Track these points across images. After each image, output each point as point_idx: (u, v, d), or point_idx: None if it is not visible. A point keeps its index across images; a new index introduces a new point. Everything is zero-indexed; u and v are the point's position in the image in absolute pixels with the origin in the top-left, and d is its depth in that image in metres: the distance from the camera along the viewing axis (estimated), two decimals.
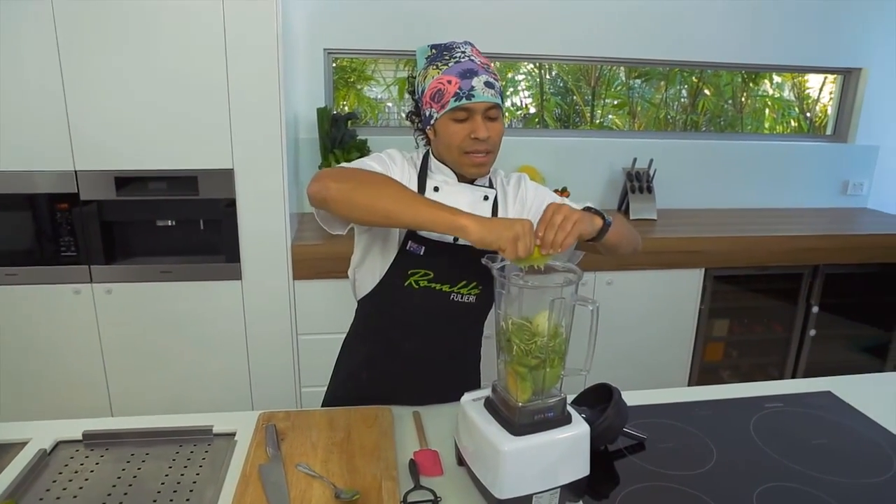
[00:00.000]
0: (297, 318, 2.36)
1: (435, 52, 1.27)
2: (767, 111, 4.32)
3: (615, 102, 4.28)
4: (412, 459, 1.14)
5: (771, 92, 4.28)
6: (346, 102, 3.51)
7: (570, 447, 1.01)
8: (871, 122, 3.23)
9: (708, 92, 4.21)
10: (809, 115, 4.11)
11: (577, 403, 1.23)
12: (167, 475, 1.11)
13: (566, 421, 1.03)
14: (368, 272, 1.35)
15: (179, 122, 2.12)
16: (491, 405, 1.06)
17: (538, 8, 2.78)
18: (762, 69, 3.53)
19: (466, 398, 1.10)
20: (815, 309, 2.77)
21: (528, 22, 2.80)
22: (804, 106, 4.16)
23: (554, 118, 4.38)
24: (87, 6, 1.98)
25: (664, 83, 4.11)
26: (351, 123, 2.67)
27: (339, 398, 1.44)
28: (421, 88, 1.27)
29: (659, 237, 2.62)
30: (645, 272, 2.58)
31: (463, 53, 1.25)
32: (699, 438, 1.26)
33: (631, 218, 2.88)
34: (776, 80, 4.10)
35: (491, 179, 1.37)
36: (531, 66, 4.10)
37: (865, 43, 3.10)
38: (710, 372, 2.86)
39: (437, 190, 1.31)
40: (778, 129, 4.33)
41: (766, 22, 2.97)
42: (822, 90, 3.93)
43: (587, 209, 1.20)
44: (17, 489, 1.05)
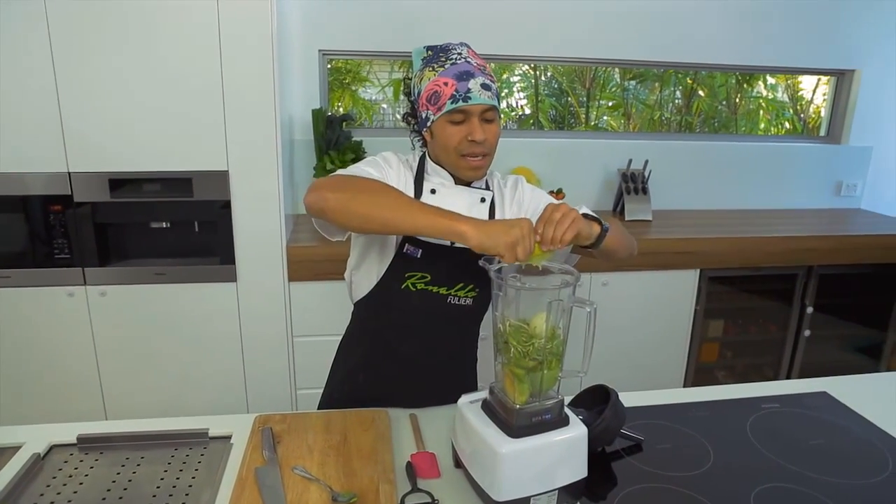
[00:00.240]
0: (292, 319, 2.35)
1: (431, 53, 1.27)
2: (762, 112, 4.33)
3: (610, 104, 4.29)
4: (409, 462, 1.13)
5: (765, 93, 4.29)
6: (341, 104, 3.51)
7: (567, 449, 1.00)
8: (864, 123, 3.24)
9: (702, 93, 4.22)
10: (803, 116, 4.12)
11: (574, 405, 1.23)
12: (162, 479, 1.10)
13: (564, 423, 1.02)
14: (365, 275, 1.34)
15: (174, 123, 2.12)
16: (488, 407, 1.06)
17: (533, 9, 2.79)
18: (756, 71, 3.54)
19: (464, 400, 1.10)
20: (809, 309, 2.79)
21: (522, 23, 2.80)
22: (798, 107, 4.17)
23: (549, 120, 4.38)
24: (80, 7, 1.97)
25: (659, 85, 4.12)
26: (346, 125, 2.67)
27: (335, 401, 1.43)
28: (417, 90, 1.27)
29: (654, 238, 2.63)
30: (640, 273, 2.58)
31: (459, 55, 1.24)
32: (696, 440, 1.26)
33: (626, 219, 2.89)
34: (770, 81, 4.11)
35: (487, 182, 1.37)
36: (526, 67, 4.10)
37: (859, 45, 3.11)
38: (705, 372, 2.86)
39: (433, 192, 1.30)
40: (772, 130, 4.34)
41: (760, 24, 2.99)
42: (815, 91, 3.95)
43: (584, 216, 1.19)
44: (10, 494, 1.04)
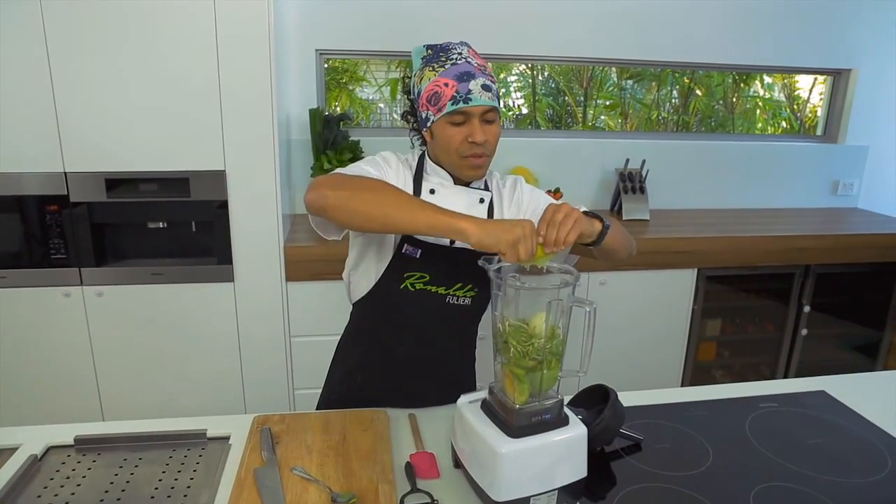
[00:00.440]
0: (289, 319, 2.35)
1: (431, 52, 1.26)
2: (758, 112, 4.34)
3: (607, 103, 4.29)
4: (408, 462, 1.13)
5: (762, 93, 4.30)
6: (338, 103, 3.50)
7: (567, 449, 1.00)
8: (860, 122, 3.25)
9: (699, 93, 4.22)
10: (800, 115, 4.13)
11: (573, 405, 1.22)
12: (161, 480, 1.10)
13: (563, 423, 1.02)
14: (364, 275, 1.34)
15: (171, 123, 2.11)
16: (488, 407, 1.05)
17: (530, 9, 2.78)
18: (753, 70, 3.55)
19: (463, 400, 1.10)
20: (806, 308, 2.79)
21: (520, 23, 2.80)
22: (794, 107, 4.18)
23: (546, 119, 4.38)
24: (76, 6, 1.96)
25: (656, 84, 4.13)
26: (343, 124, 2.66)
27: (334, 401, 1.43)
28: (417, 90, 1.26)
29: (652, 237, 2.63)
30: (638, 272, 2.58)
31: (460, 55, 1.23)
32: (695, 439, 1.26)
33: (624, 219, 2.89)
34: (767, 80, 4.12)
35: (487, 182, 1.36)
36: (523, 66, 4.10)
37: (855, 44, 3.12)
38: (702, 372, 2.87)
39: (432, 192, 1.30)
40: (769, 129, 4.35)
41: (756, 23, 2.99)
42: (811, 91, 3.96)
43: (585, 213, 1.19)
44: (7, 495, 1.03)
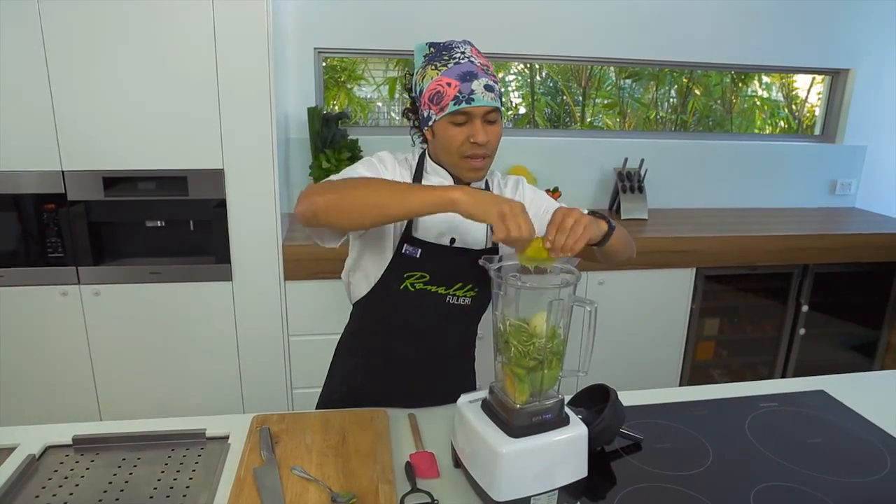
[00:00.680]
0: (288, 319, 2.34)
1: (434, 51, 1.25)
2: (757, 111, 4.35)
3: (605, 102, 4.29)
4: (408, 462, 1.13)
5: (760, 92, 4.31)
6: (336, 102, 3.49)
7: (568, 449, 1.00)
8: (858, 122, 3.25)
9: (698, 92, 4.22)
10: (798, 115, 4.14)
11: (572, 404, 1.22)
12: (160, 480, 1.09)
13: (564, 422, 1.02)
14: (363, 276, 1.33)
15: (169, 121, 2.10)
16: (488, 407, 1.05)
17: (528, 8, 2.78)
18: (751, 70, 3.55)
19: (463, 400, 1.09)
20: (804, 308, 2.79)
21: (518, 22, 2.80)
22: (792, 106, 4.19)
23: (544, 118, 4.38)
24: (74, 4, 1.95)
25: (654, 83, 4.13)
26: (341, 123, 2.66)
27: (334, 401, 1.42)
28: (419, 88, 1.25)
29: (650, 237, 2.63)
30: (636, 272, 2.58)
31: (462, 54, 1.22)
32: (695, 438, 1.26)
33: (622, 218, 2.89)
34: (765, 80, 4.12)
35: (487, 182, 1.36)
36: (521, 66, 4.10)
37: (853, 44, 3.12)
38: (700, 371, 2.87)
39: None
40: (767, 129, 4.36)
41: (755, 23, 2.99)
42: (809, 91, 3.96)
43: (591, 213, 1.18)
44: (5, 495, 1.03)
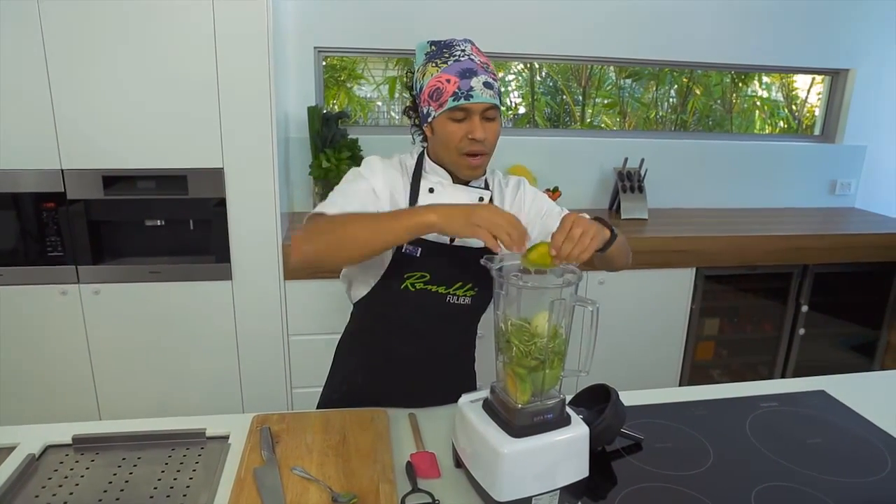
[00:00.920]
0: (288, 318, 2.34)
1: (434, 48, 1.25)
2: (757, 111, 4.34)
3: (606, 102, 4.28)
4: (409, 462, 1.13)
5: (760, 92, 4.30)
6: (336, 101, 3.49)
7: (569, 449, 1.00)
8: (858, 122, 3.26)
9: (698, 92, 4.22)
10: (797, 115, 4.14)
11: (573, 404, 1.22)
12: (160, 479, 1.09)
13: (565, 422, 1.02)
14: (364, 276, 1.33)
15: (168, 120, 2.10)
16: (489, 407, 1.05)
17: (528, 7, 2.78)
18: (751, 70, 3.55)
19: (464, 400, 1.09)
20: (804, 308, 2.79)
21: (518, 21, 2.79)
22: (792, 106, 4.19)
23: (544, 118, 4.37)
24: (74, 3, 1.95)
25: (654, 83, 4.12)
26: (341, 122, 2.65)
27: (334, 401, 1.42)
28: (419, 85, 1.26)
29: (650, 237, 2.63)
30: (636, 272, 2.58)
31: (463, 52, 1.23)
32: (696, 439, 1.26)
33: (622, 218, 2.89)
34: (765, 80, 4.12)
35: (487, 181, 1.36)
36: (521, 65, 4.09)
37: (853, 44, 3.12)
38: (700, 371, 2.87)
39: (431, 191, 1.30)
40: (767, 129, 4.35)
41: (755, 23, 2.99)
42: (809, 91, 3.96)
43: (595, 220, 1.17)
44: (5, 495, 1.02)
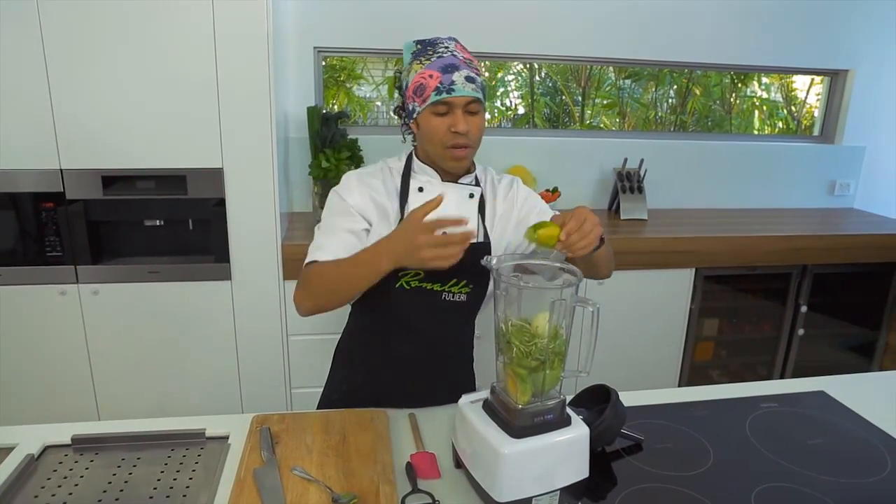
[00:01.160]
0: (287, 318, 2.34)
1: (420, 47, 1.28)
2: (756, 112, 4.35)
3: (605, 102, 4.28)
4: (409, 462, 1.12)
5: (759, 93, 4.31)
6: (335, 101, 3.49)
7: (569, 449, 1.00)
8: (857, 123, 3.26)
9: (697, 92, 4.23)
10: (797, 115, 4.14)
11: (573, 405, 1.22)
12: (159, 480, 1.09)
13: (566, 423, 1.02)
14: None
15: (168, 120, 2.09)
16: (489, 407, 1.05)
17: (528, 8, 2.78)
18: (750, 70, 3.55)
19: (464, 400, 1.09)
20: (803, 308, 2.80)
21: (517, 22, 2.79)
22: (791, 107, 4.19)
23: (543, 118, 4.38)
24: (73, 3, 1.94)
25: (654, 84, 4.13)
26: (341, 122, 2.65)
27: (334, 402, 1.43)
28: (405, 83, 1.29)
29: (650, 237, 2.63)
30: (636, 272, 2.58)
31: (446, 49, 1.25)
32: (696, 439, 1.26)
33: (622, 218, 2.89)
34: (764, 81, 4.12)
35: (477, 177, 1.37)
36: (521, 66, 4.09)
37: (853, 45, 3.12)
38: (699, 371, 2.87)
39: (421, 190, 1.32)
40: (766, 129, 4.36)
41: (754, 24, 2.99)
42: (808, 91, 3.97)
43: None
44: (3, 496, 1.02)
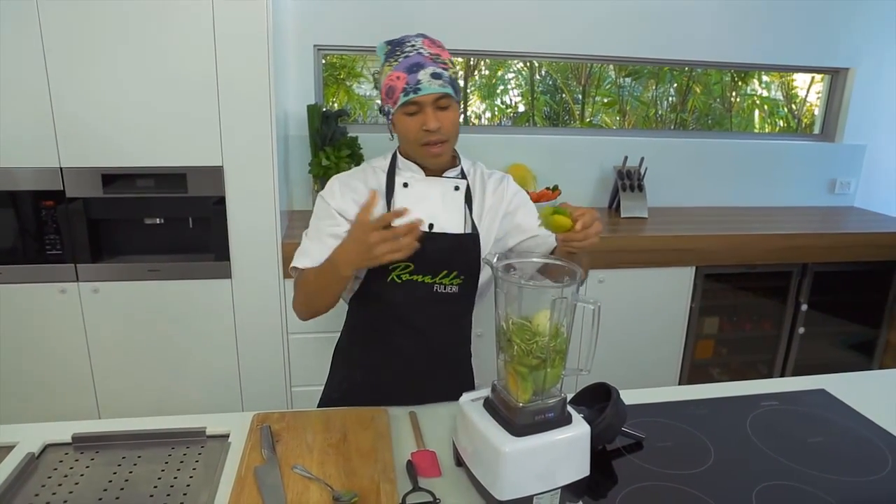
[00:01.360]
0: (287, 316, 2.33)
1: (390, 48, 1.28)
2: (757, 110, 4.35)
3: (605, 101, 4.28)
4: (410, 460, 1.12)
5: (759, 91, 4.30)
6: (335, 99, 3.48)
7: (570, 447, 1.00)
8: (858, 121, 3.25)
9: (697, 90, 4.22)
10: (797, 114, 4.14)
11: (574, 403, 1.22)
12: (160, 478, 1.09)
13: (566, 421, 1.02)
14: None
15: (168, 118, 2.09)
16: (490, 405, 1.05)
17: (528, 6, 2.77)
18: (751, 68, 3.55)
19: (465, 398, 1.09)
20: (803, 307, 2.79)
21: (518, 20, 2.79)
22: (792, 105, 4.19)
23: (544, 117, 4.37)
24: (73, 1, 1.94)
25: (654, 82, 4.12)
26: (341, 120, 2.65)
27: (334, 400, 1.43)
28: (380, 86, 1.30)
29: (650, 235, 2.63)
30: (636, 270, 2.58)
31: (413, 47, 1.25)
32: (697, 437, 1.26)
33: (622, 216, 2.89)
34: (764, 79, 4.12)
35: (464, 170, 1.38)
36: (521, 64, 4.09)
37: (853, 43, 3.12)
38: (700, 369, 2.87)
39: (406, 186, 1.33)
40: (766, 128, 4.35)
41: (754, 22, 2.99)
42: (809, 90, 3.96)
43: None
44: (4, 494, 1.02)
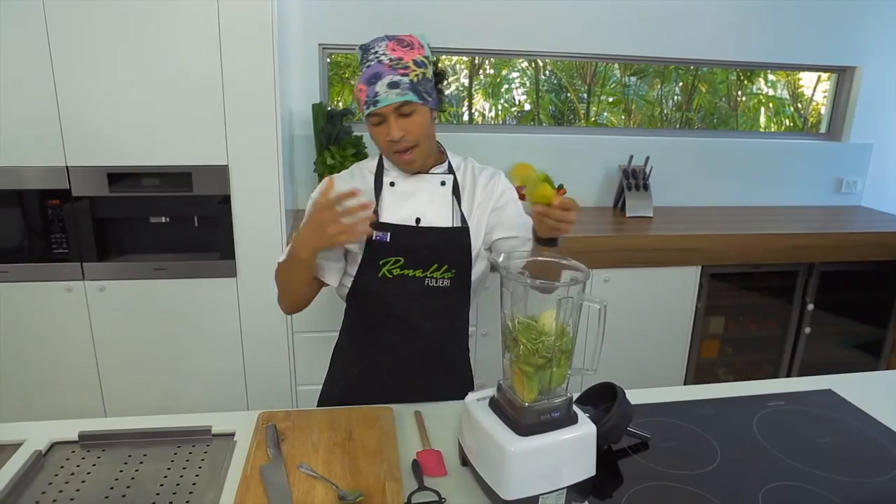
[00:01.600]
0: (292, 315, 2.34)
1: (361, 54, 1.28)
2: (763, 109, 4.33)
3: (610, 100, 4.27)
4: (415, 460, 1.12)
5: (765, 90, 4.29)
6: (340, 98, 3.48)
7: (576, 447, 1.00)
8: (865, 120, 3.24)
9: (703, 89, 4.21)
10: (803, 113, 4.12)
11: (579, 403, 1.22)
12: (166, 476, 1.09)
13: (572, 421, 1.01)
14: (346, 270, 1.37)
15: (173, 117, 2.10)
16: (496, 405, 1.05)
17: (533, 5, 2.77)
18: (757, 67, 3.54)
19: (471, 398, 1.09)
20: (810, 306, 2.78)
21: (523, 19, 2.78)
22: (798, 104, 4.17)
23: (548, 116, 4.36)
24: (78, 0, 1.94)
25: (659, 81, 4.11)
26: (346, 119, 2.65)
27: (333, 397, 1.43)
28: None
29: (655, 235, 2.62)
30: (641, 270, 2.58)
31: (375, 55, 1.23)
32: (702, 437, 1.25)
33: (627, 216, 2.88)
34: (770, 78, 4.10)
35: (451, 164, 1.39)
36: (526, 63, 4.08)
37: (860, 41, 3.10)
38: (705, 369, 2.86)
39: (392, 185, 1.35)
40: (772, 127, 4.34)
41: (760, 20, 2.97)
42: (815, 88, 3.95)
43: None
44: (12, 492, 1.02)
